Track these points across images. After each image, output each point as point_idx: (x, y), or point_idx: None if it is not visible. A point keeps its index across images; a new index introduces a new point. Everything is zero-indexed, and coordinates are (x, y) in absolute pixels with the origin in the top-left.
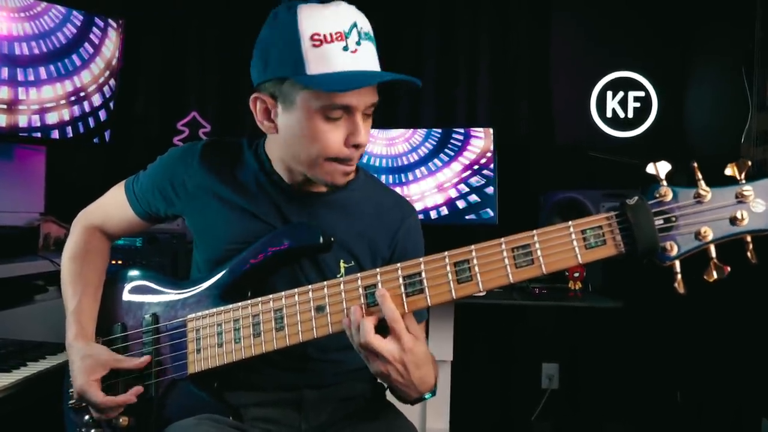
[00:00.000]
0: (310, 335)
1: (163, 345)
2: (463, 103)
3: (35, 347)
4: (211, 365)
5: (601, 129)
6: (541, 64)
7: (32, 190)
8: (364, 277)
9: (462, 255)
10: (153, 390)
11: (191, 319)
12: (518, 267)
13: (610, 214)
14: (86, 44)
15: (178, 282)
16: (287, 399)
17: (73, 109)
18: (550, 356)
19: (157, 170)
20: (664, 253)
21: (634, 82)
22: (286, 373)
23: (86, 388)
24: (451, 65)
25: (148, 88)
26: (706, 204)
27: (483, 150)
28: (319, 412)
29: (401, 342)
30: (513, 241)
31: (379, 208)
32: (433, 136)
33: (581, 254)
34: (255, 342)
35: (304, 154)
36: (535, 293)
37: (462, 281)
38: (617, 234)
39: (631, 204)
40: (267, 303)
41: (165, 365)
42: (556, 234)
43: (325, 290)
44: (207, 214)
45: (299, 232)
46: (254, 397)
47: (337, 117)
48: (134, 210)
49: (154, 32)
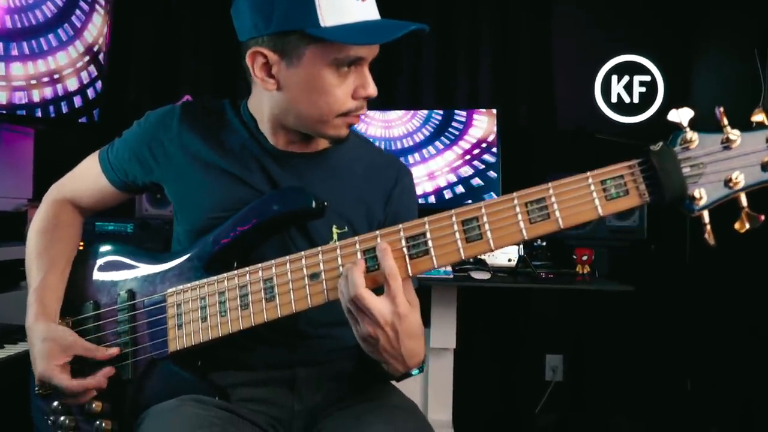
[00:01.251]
0: (304, 304)
1: (140, 322)
2: (464, 87)
3: (17, 330)
4: (194, 342)
5: (605, 114)
6: (544, 48)
7: (20, 176)
8: (362, 240)
9: (470, 212)
10: (130, 371)
11: (171, 294)
12: (533, 222)
13: (632, 162)
14: (69, 22)
15: (156, 255)
16: (279, 378)
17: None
18: (555, 347)
19: (134, 135)
20: (693, 203)
21: (640, 66)
22: (277, 350)
23: (48, 373)
24: (451, 49)
25: (140, 70)
26: (735, 149)
27: (486, 132)
28: (313, 391)
29: (395, 303)
30: (526, 196)
31: (372, 168)
32: (435, 118)
33: (602, 206)
34: (243, 314)
35: (311, 110)
36: (541, 277)
37: (471, 240)
38: (641, 183)
39: (656, 150)
40: (255, 273)
41: (143, 344)
42: (573, 186)
43: (320, 256)
44: (188, 180)
45: (289, 196)
46: (242, 377)
47: (347, 70)
48: (109, 179)
49: (146, 14)
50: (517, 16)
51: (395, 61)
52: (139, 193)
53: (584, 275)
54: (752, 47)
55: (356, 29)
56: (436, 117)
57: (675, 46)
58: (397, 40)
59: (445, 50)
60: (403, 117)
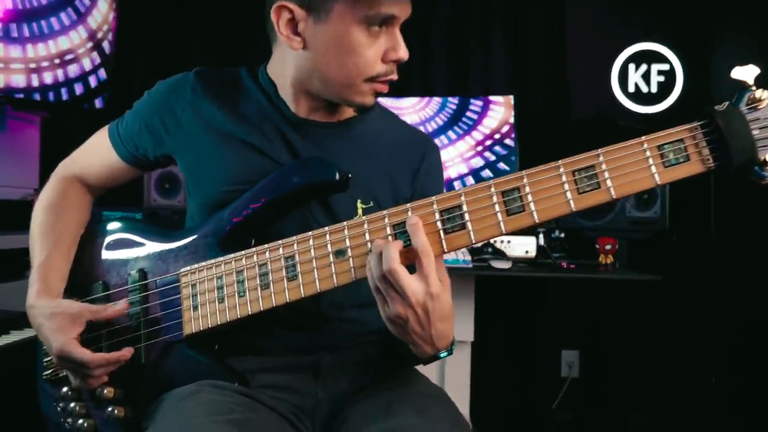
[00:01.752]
0: (329, 283)
1: (153, 304)
2: (478, 79)
3: (22, 317)
4: (211, 324)
5: (622, 104)
6: (558, 35)
7: (26, 164)
8: (391, 214)
9: (511, 182)
10: (143, 355)
11: (185, 273)
12: (581, 192)
13: (693, 125)
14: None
15: (168, 233)
16: (302, 364)
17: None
18: (570, 343)
19: (145, 105)
20: (763, 168)
21: (658, 54)
22: (299, 334)
23: (68, 348)
24: (464, 35)
25: (147, 58)
26: None
27: (503, 120)
28: (338, 378)
29: (428, 282)
30: (573, 163)
31: (399, 142)
32: (449, 106)
33: (659, 173)
34: (263, 294)
35: (338, 72)
36: (562, 267)
37: (513, 212)
38: (704, 147)
39: (722, 110)
40: (276, 250)
41: (156, 326)
42: (626, 152)
43: (346, 231)
44: (202, 149)
45: (311, 168)
46: (262, 363)
47: (377, 30)
48: (119, 154)
49: (153, 7)
50: (531, 4)
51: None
52: (150, 168)
53: (607, 265)
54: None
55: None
56: (451, 104)
57: (694, 33)
58: (408, 32)
59: (458, 36)
60: (417, 104)
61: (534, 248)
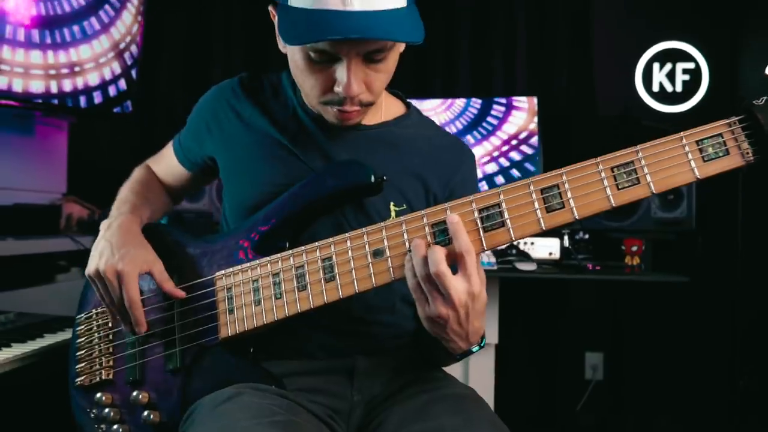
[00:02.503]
0: (367, 284)
1: (187, 307)
2: (501, 78)
3: (55, 320)
4: (248, 327)
5: (647, 104)
6: (583, 34)
7: (54, 170)
8: (430, 213)
9: (550, 180)
10: (178, 359)
11: (220, 276)
12: (621, 188)
13: (731, 120)
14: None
15: (202, 237)
16: (337, 367)
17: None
18: (594, 345)
19: (195, 111)
20: None
21: (683, 53)
22: (335, 338)
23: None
24: (487, 35)
25: (173, 63)
26: None
27: (527, 121)
28: (372, 381)
29: (471, 282)
30: (611, 160)
31: (434, 147)
32: (473, 108)
33: (698, 167)
34: (300, 296)
35: (302, 87)
36: (588, 269)
37: (552, 209)
38: (743, 141)
39: (761, 104)
40: (312, 252)
41: (191, 330)
42: (665, 147)
43: (384, 232)
44: (241, 152)
45: (346, 170)
46: (297, 366)
47: (323, 60)
48: (180, 161)
49: (178, 9)
50: (555, 3)
51: (430, 48)
52: (210, 175)
53: (633, 267)
54: None
55: (307, 21)
56: (475, 106)
57: (721, 32)
58: (432, 34)
59: (481, 36)
60: (440, 106)
61: (558, 250)
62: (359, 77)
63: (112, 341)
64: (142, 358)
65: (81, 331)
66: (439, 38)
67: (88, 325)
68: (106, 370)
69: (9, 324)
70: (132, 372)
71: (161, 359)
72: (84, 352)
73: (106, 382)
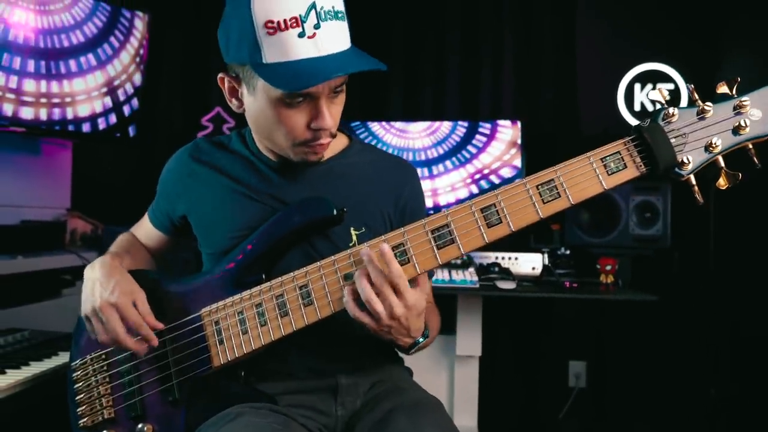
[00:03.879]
0: (341, 304)
1: (179, 344)
2: (488, 96)
3: (65, 337)
4: (238, 354)
5: (629, 123)
6: (568, 57)
7: (59, 186)
8: (390, 238)
9: (487, 200)
10: (176, 391)
11: (207, 313)
12: (546, 202)
13: (625, 139)
14: (113, 36)
15: (184, 278)
16: (322, 386)
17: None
18: (578, 354)
19: (162, 178)
20: (681, 168)
21: (663, 74)
22: (318, 359)
23: (122, 302)
24: (474, 59)
25: (172, 83)
26: (709, 118)
27: (510, 143)
28: (354, 396)
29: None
30: (536, 179)
31: (381, 169)
32: (459, 130)
33: (605, 180)
34: (283, 321)
35: (271, 136)
36: (566, 287)
37: (492, 225)
38: (636, 156)
39: (646, 126)
40: (290, 282)
41: (185, 364)
42: (577, 166)
43: (351, 258)
44: (207, 206)
45: (309, 206)
46: (285, 386)
47: (300, 101)
48: (153, 224)
49: (177, 27)
50: (541, 24)
51: (420, 71)
52: (183, 234)
53: (608, 285)
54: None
55: (292, 71)
56: (461, 128)
57: (699, 54)
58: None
59: (469, 59)
60: (428, 129)
61: (540, 265)
62: (331, 110)
63: (110, 382)
64: (141, 393)
65: (78, 377)
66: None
67: (84, 371)
68: (108, 410)
69: (25, 342)
70: (133, 407)
71: (160, 392)
72: (84, 395)
73: (109, 420)
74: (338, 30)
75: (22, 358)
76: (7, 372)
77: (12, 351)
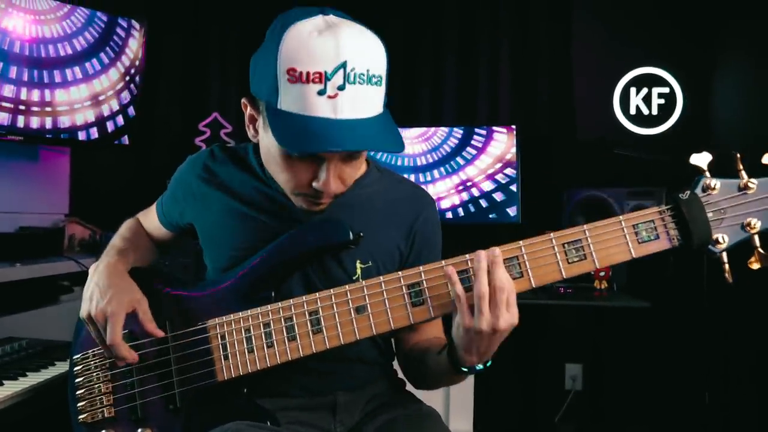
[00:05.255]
0: (351, 337)
1: (183, 353)
2: (485, 100)
3: (65, 346)
4: (243, 372)
5: (624, 126)
6: (564, 61)
7: (57, 192)
8: (405, 276)
9: (510, 252)
10: (177, 399)
11: (213, 325)
12: (570, 262)
13: (662, 208)
14: (109, 46)
15: (190, 283)
16: (320, 404)
17: (99, 110)
18: (574, 357)
19: (174, 180)
20: (715, 246)
21: (659, 78)
22: (317, 378)
23: (115, 312)
24: (471, 63)
25: (170, 89)
26: (751, 195)
27: (506, 149)
28: (352, 414)
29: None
30: (563, 237)
31: (394, 201)
32: (455, 135)
33: (634, 248)
34: (290, 346)
35: (275, 176)
36: (560, 293)
37: (515, 278)
38: (671, 228)
39: (685, 199)
40: (299, 306)
41: (188, 374)
42: (607, 229)
43: (365, 290)
44: (213, 221)
45: (326, 228)
46: (285, 403)
47: (306, 157)
48: (161, 223)
49: (175, 33)
50: (537, 29)
51: (417, 76)
52: (191, 235)
53: (602, 290)
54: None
55: (301, 127)
56: (457, 134)
57: (694, 58)
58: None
59: (466, 65)
60: (425, 134)
61: None
62: (337, 175)
63: (111, 381)
64: (142, 398)
65: (79, 371)
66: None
67: (85, 365)
68: (108, 409)
69: (22, 351)
70: (134, 410)
71: (161, 399)
72: (84, 390)
73: (109, 419)
74: (366, 95)
75: (19, 368)
76: (5, 384)
77: (9, 361)
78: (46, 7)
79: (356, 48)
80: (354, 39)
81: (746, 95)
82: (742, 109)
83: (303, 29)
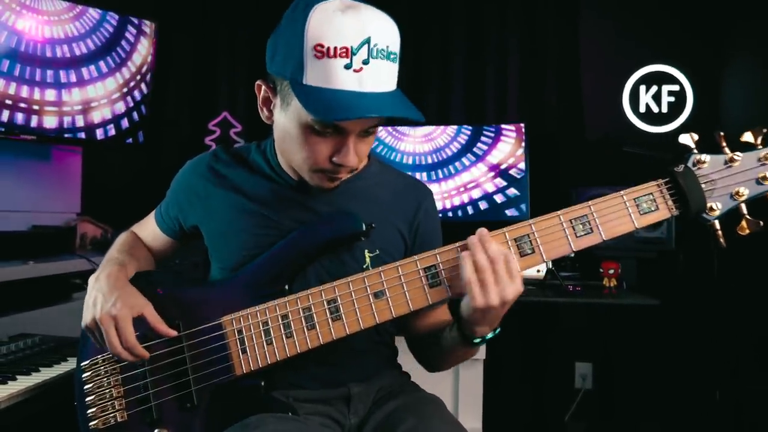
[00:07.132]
0: (371, 321)
1: (198, 351)
2: (493, 98)
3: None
4: (261, 364)
5: (634, 124)
6: (572, 58)
7: (69, 191)
8: (421, 259)
9: (521, 230)
10: (195, 398)
11: (229, 321)
12: (578, 236)
13: (658, 182)
14: (120, 46)
15: (198, 282)
16: (334, 395)
17: (113, 108)
18: (584, 356)
19: (175, 183)
20: (709, 213)
21: (669, 75)
22: (331, 369)
23: (122, 315)
24: (479, 61)
25: (180, 88)
26: (737, 167)
27: (514, 147)
28: (366, 404)
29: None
30: (570, 213)
31: (396, 192)
32: (463, 133)
33: (636, 219)
34: (310, 335)
35: (291, 155)
36: (569, 291)
37: (525, 254)
38: (668, 199)
39: (680, 171)
40: (317, 295)
41: (204, 371)
42: (610, 203)
43: (382, 276)
44: (219, 221)
45: (338, 221)
46: (300, 395)
47: (329, 132)
48: (162, 229)
49: (185, 32)
50: (545, 26)
51: (424, 76)
52: (190, 239)
53: (611, 288)
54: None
55: (326, 99)
56: (465, 132)
57: (704, 55)
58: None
59: (474, 62)
60: (432, 133)
61: (545, 268)
62: (356, 149)
63: (122, 385)
64: (157, 398)
65: (88, 377)
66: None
67: (94, 371)
68: (120, 413)
69: (36, 347)
70: (149, 412)
71: (177, 398)
72: (94, 397)
73: (122, 424)
74: (386, 70)
75: (32, 364)
76: (18, 378)
77: (23, 357)
78: (58, 8)
79: (378, 25)
80: (375, 16)
81: (755, 94)
82: (751, 107)
83: (328, 8)
